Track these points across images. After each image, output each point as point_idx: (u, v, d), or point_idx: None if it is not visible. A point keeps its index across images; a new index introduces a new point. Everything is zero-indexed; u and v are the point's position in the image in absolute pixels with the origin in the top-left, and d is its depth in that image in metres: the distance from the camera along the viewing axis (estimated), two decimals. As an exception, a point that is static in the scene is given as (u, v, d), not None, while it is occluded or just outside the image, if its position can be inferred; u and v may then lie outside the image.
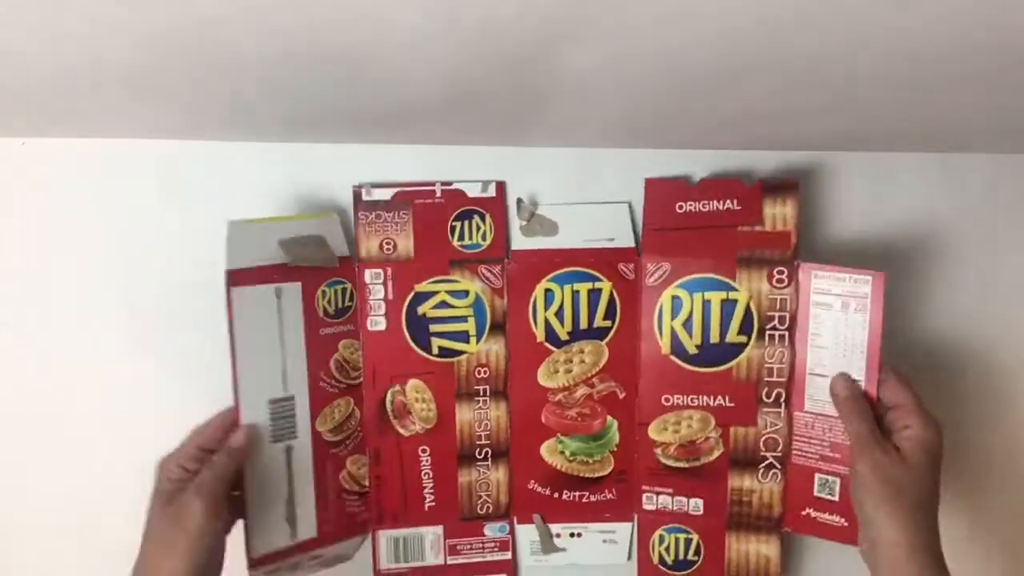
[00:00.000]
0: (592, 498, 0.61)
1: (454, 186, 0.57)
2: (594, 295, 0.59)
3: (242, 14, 0.30)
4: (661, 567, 0.59)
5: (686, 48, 0.33)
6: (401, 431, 0.59)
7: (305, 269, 0.54)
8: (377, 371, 0.58)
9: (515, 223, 0.59)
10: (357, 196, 0.56)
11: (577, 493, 0.61)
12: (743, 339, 0.55)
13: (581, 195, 0.60)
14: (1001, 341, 0.63)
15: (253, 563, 0.52)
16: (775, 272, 0.54)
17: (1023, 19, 0.29)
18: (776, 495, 0.57)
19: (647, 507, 0.60)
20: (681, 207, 0.56)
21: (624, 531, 0.61)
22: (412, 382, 0.58)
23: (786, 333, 0.54)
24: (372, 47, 0.34)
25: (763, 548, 0.57)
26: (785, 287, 0.53)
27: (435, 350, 0.58)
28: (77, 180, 0.58)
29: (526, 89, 0.41)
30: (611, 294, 0.59)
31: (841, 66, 0.36)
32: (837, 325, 0.51)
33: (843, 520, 0.54)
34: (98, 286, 0.59)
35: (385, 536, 0.59)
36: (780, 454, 0.56)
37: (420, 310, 0.57)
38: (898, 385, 0.50)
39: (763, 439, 0.56)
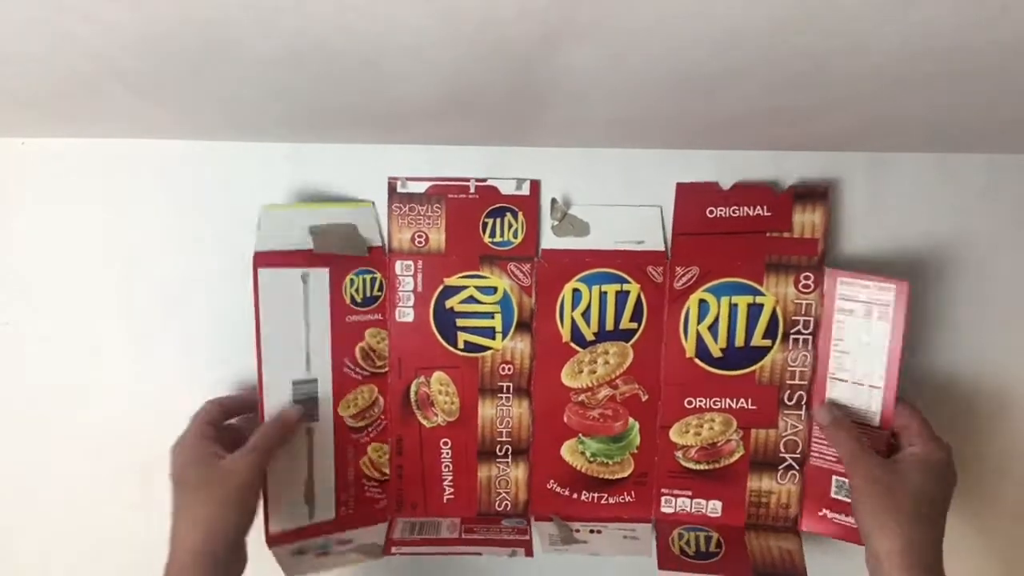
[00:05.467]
0: (611, 500, 0.65)
1: (488, 182, 0.62)
2: (621, 297, 0.64)
3: (242, 14, 0.31)
4: (683, 557, 0.62)
5: (687, 48, 0.34)
6: (424, 422, 0.63)
7: (333, 256, 0.59)
8: (403, 361, 0.63)
9: (547, 222, 0.64)
10: (392, 188, 0.61)
11: (596, 495, 0.65)
12: (768, 343, 0.60)
13: (609, 198, 0.64)
14: (1001, 341, 0.66)
15: (271, 539, 0.57)
16: (802, 277, 0.59)
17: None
18: (794, 496, 0.62)
19: (665, 510, 0.65)
20: (711, 212, 0.61)
21: (644, 530, 0.65)
22: (437, 374, 0.63)
23: (810, 337, 0.59)
24: (372, 47, 0.35)
25: (783, 543, 0.61)
26: (811, 292, 0.58)
27: (461, 344, 0.63)
28: (77, 180, 0.61)
29: (527, 89, 0.43)
30: (638, 296, 0.63)
31: (853, 65, 0.37)
32: (859, 331, 0.56)
33: None
34: (98, 285, 0.63)
35: (402, 522, 0.64)
36: (799, 456, 0.61)
37: (448, 304, 0.62)
38: (906, 409, 0.56)
39: (783, 441, 0.61)
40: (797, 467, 0.61)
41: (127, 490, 0.65)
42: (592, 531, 0.65)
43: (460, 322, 0.63)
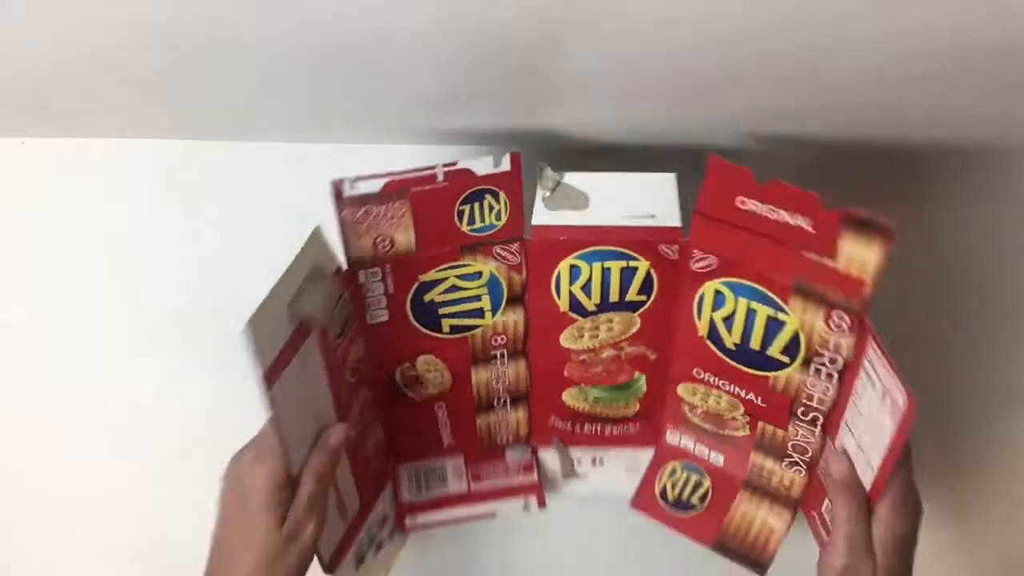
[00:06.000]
0: (615, 431, 0.65)
1: (459, 165, 0.50)
2: (627, 273, 0.55)
3: (242, 13, 0.32)
4: (660, 499, 0.63)
5: (687, 48, 0.35)
6: (413, 396, 0.61)
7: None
8: (383, 358, 0.58)
9: (537, 194, 0.53)
10: (338, 192, 0.50)
11: (599, 426, 0.65)
12: (786, 359, 0.52)
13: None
14: (1003, 339, 0.66)
15: (328, 567, 0.54)
16: (834, 315, 0.48)
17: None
18: (797, 483, 0.58)
19: (670, 441, 0.64)
20: (743, 203, 0.49)
21: (647, 459, 0.65)
22: (423, 358, 0.59)
23: (835, 374, 0.50)
24: (372, 47, 0.36)
25: (771, 518, 0.60)
26: (843, 332, 0.49)
27: (446, 328, 0.58)
28: (77, 180, 0.61)
29: (526, 88, 0.43)
30: (648, 272, 0.55)
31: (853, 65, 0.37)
32: (873, 407, 0.46)
33: None
34: (98, 286, 0.63)
35: (406, 470, 0.65)
36: (808, 460, 0.56)
37: (427, 297, 0.56)
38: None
39: (791, 443, 0.56)
40: (803, 467, 0.57)
41: (127, 490, 0.68)
42: (594, 461, 0.67)
43: (443, 310, 0.57)
